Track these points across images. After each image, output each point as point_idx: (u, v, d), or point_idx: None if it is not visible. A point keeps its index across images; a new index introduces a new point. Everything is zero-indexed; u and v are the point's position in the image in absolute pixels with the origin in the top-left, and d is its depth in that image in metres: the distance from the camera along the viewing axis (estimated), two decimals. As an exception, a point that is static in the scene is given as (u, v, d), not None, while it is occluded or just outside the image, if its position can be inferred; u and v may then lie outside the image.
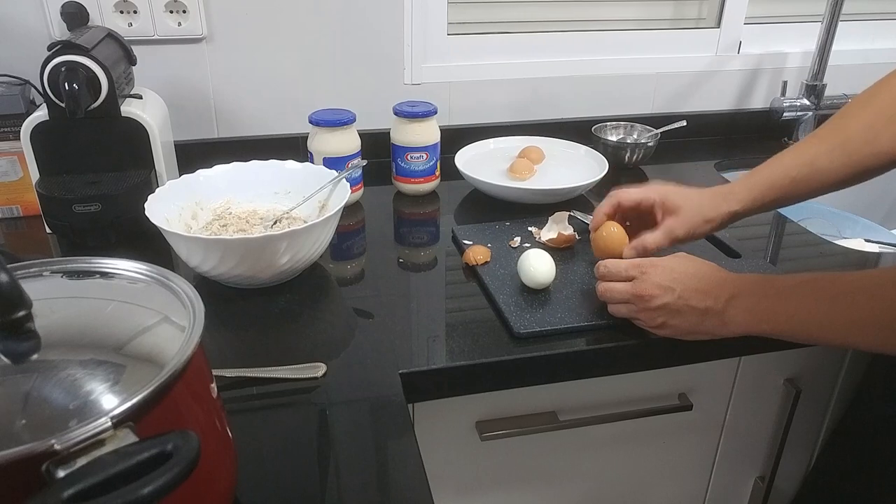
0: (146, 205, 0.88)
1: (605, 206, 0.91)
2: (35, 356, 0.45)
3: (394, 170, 1.21)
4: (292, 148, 1.23)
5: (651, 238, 0.86)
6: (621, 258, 0.86)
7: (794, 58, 1.51)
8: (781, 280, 0.74)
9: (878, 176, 0.85)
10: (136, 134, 1.02)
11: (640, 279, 0.80)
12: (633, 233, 0.90)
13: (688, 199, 0.87)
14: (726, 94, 1.52)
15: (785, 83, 1.47)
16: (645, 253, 0.86)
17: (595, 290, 0.87)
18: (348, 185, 0.98)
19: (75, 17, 1.11)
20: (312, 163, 1.11)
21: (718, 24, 1.48)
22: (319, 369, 0.76)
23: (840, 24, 1.37)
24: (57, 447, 0.37)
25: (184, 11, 1.18)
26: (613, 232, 0.89)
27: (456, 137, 1.28)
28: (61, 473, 0.37)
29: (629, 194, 0.90)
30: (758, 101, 1.54)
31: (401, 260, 1.03)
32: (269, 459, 0.66)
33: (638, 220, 0.91)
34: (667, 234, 0.86)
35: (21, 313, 0.44)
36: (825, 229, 1.25)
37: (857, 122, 0.83)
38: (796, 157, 0.85)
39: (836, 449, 1.00)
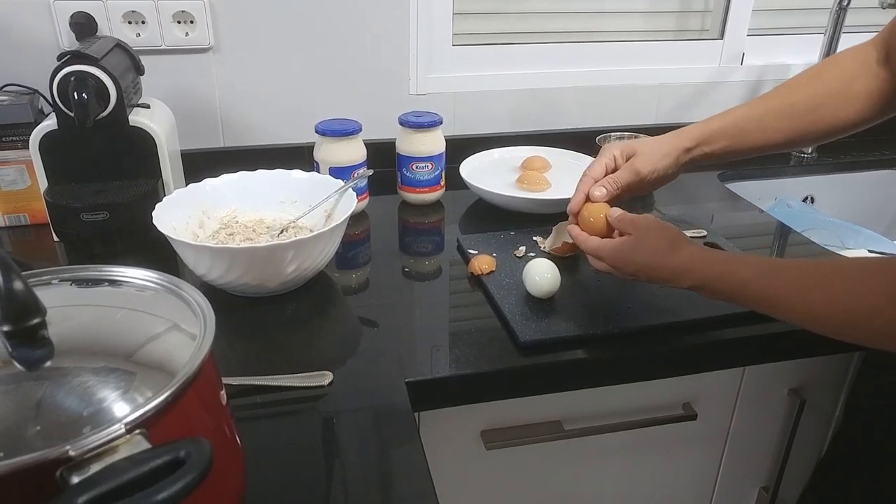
0: (153, 213, 0.89)
1: (582, 187, 0.91)
2: (48, 363, 0.45)
3: (399, 179, 1.22)
4: (298, 157, 1.23)
5: (615, 175, 0.91)
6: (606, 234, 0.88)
7: (798, 69, 1.48)
8: (740, 269, 0.75)
9: (819, 143, 0.96)
10: (144, 143, 1.03)
11: (609, 268, 0.84)
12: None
13: (643, 143, 0.94)
14: (729, 105, 1.50)
15: (788, 94, 1.48)
16: (614, 186, 0.90)
17: (599, 298, 0.89)
18: (354, 194, 0.98)
19: (84, 27, 1.12)
20: (318, 172, 1.12)
21: (722, 36, 1.49)
22: (326, 377, 0.77)
23: (843, 35, 1.37)
24: (71, 453, 0.37)
25: (191, 22, 1.19)
26: (601, 218, 0.88)
27: (461, 147, 1.29)
28: (76, 479, 0.37)
29: (596, 169, 0.92)
30: (761, 112, 1.55)
31: (406, 269, 1.03)
32: (276, 467, 0.66)
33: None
34: (630, 171, 0.91)
35: (36, 320, 0.45)
36: (828, 240, 1.25)
37: (802, 92, 0.93)
38: (747, 113, 0.94)
39: (834, 458, 1.00)
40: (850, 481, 0.95)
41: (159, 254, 0.95)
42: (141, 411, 0.41)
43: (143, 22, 1.17)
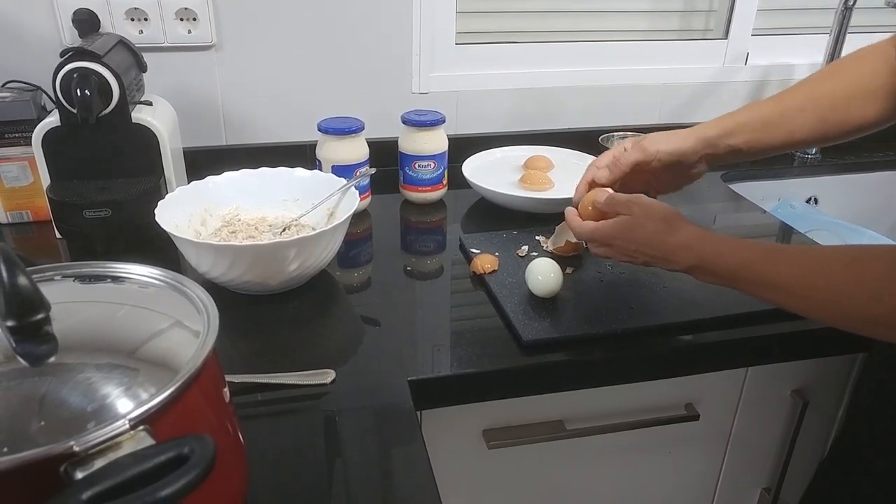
0: (156, 210, 0.89)
1: (587, 176, 0.93)
2: (52, 359, 0.45)
3: (401, 178, 1.22)
4: (301, 155, 1.23)
5: (620, 156, 0.91)
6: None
7: (802, 70, 1.51)
8: (740, 249, 0.75)
9: (842, 141, 0.93)
10: (147, 140, 1.03)
11: (608, 250, 0.83)
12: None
13: (659, 135, 0.93)
14: (733, 106, 1.49)
15: (791, 95, 1.48)
16: (618, 168, 0.90)
17: (602, 298, 0.89)
18: (357, 192, 0.98)
19: (87, 23, 1.11)
20: (321, 170, 1.12)
21: (726, 36, 1.49)
22: (328, 376, 0.76)
23: (848, 35, 1.37)
24: (76, 449, 0.37)
25: (194, 19, 1.19)
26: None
27: (463, 146, 1.29)
28: (79, 475, 0.37)
29: (602, 159, 0.92)
30: (764, 113, 1.54)
31: (408, 268, 1.03)
32: (277, 465, 0.66)
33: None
34: (637, 148, 0.90)
35: (40, 316, 0.45)
36: (832, 241, 1.25)
37: (825, 88, 0.91)
38: (771, 106, 0.93)
39: (836, 458, 1.00)
40: (852, 481, 0.95)
41: (161, 251, 0.95)
42: (145, 407, 0.41)
43: (145, 19, 1.17)
